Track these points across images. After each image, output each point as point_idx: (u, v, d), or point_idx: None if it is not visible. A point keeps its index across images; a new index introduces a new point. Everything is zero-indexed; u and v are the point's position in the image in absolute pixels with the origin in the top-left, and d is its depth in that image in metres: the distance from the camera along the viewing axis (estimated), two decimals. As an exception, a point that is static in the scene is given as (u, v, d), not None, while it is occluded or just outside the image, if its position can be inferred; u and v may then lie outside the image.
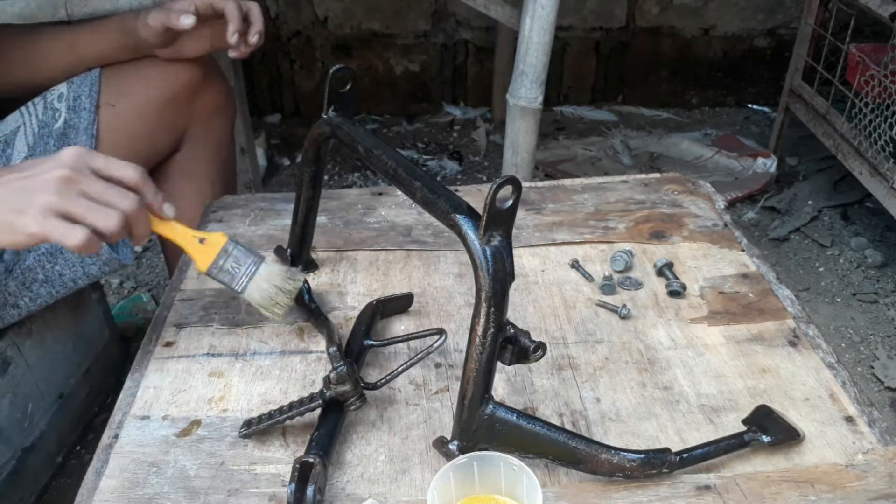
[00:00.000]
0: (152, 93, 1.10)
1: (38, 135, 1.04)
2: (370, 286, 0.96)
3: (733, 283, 0.96)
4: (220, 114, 1.19)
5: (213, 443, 0.74)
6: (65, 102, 1.06)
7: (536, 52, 1.39)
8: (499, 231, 0.65)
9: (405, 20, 2.42)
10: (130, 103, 1.09)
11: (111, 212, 0.71)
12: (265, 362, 0.85)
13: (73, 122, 1.05)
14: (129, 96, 1.09)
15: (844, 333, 1.65)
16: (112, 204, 0.71)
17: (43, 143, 1.04)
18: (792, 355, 0.84)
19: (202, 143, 1.19)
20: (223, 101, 1.20)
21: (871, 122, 1.68)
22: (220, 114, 1.18)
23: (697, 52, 2.54)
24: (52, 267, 1.05)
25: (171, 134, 1.15)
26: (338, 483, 0.70)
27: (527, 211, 1.09)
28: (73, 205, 0.70)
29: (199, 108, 1.14)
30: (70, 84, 1.07)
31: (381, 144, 0.79)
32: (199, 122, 1.16)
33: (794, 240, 1.96)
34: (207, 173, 1.22)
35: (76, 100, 1.06)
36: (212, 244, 0.78)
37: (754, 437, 0.72)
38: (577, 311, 0.92)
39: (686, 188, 1.15)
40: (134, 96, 1.09)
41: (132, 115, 1.09)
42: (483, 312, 0.65)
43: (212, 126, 1.18)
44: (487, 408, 0.68)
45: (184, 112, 1.14)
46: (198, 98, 1.09)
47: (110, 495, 0.69)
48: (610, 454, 0.68)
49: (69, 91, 1.07)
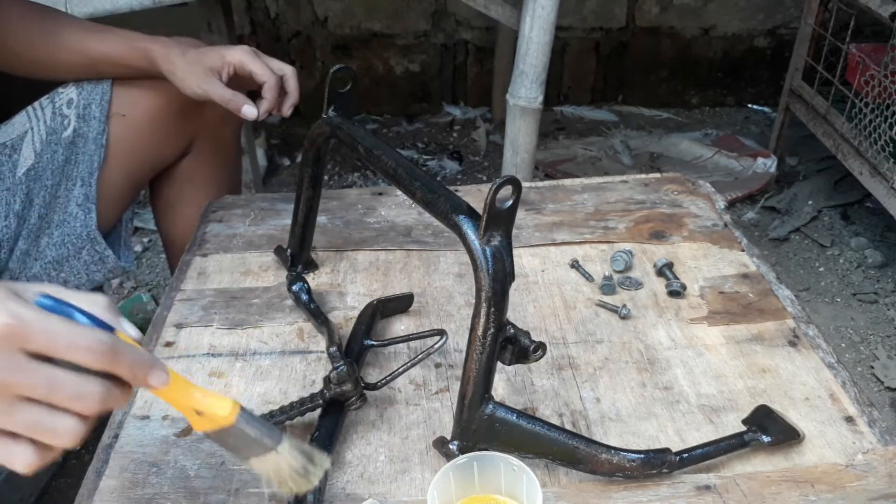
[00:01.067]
0: (162, 102, 1.08)
1: (45, 142, 1.03)
2: (370, 286, 0.96)
3: (733, 283, 0.96)
4: (229, 121, 1.17)
5: (214, 443, 0.74)
6: (74, 110, 1.04)
7: (536, 52, 1.39)
8: (499, 231, 0.65)
9: (405, 20, 2.42)
10: (140, 113, 1.07)
11: (63, 421, 0.48)
12: (265, 362, 0.85)
13: (82, 132, 1.04)
14: (140, 105, 1.07)
15: (844, 333, 1.65)
16: (65, 406, 0.48)
17: (51, 151, 1.03)
18: (792, 355, 0.84)
19: (210, 150, 1.18)
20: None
21: (871, 122, 1.68)
22: (228, 121, 1.17)
23: (697, 52, 2.54)
24: (58, 274, 1.05)
25: (180, 142, 1.14)
26: (338, 483, 0.70)
27: (527, 211, 1.09)
28: (8, 420, 0.48)
29: (208, 115, 1.13)
30: (80, 90, 1.05)
31: (381, 144, 0.79)
32: (208, 129, 1.15)
33: (794, 240, 1.96)
34: (214, 179, 1.21)
35: (86, 108, 1.04)
36: (211, 420, 0.57)
37: (754, 437, 0.72)
38: (577, 311, 0.92)
39: (686, 188, 1.15)
40: (144, 106, 1.08)
41: (142, 124, 1.08)
42: (483, 312, 0.65)
43: (220, 133, 1.17)
44: (487, 408, 0.68)
45: (193, 120, 1.12)
46: (207, 106, 1.08)
47: (110, 495, 0.69)
48: (610, 454, 0.68)
49: (79, 98, 1.05)
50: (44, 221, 1.03)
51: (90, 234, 1.04)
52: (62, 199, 1.04)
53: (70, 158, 1.04)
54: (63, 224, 1.03)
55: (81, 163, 1.04)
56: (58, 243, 1.03)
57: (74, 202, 1.03)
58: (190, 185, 1.20)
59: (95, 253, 1.06)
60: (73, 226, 1.03)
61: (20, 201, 1.02)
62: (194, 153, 1.17)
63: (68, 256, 1.04)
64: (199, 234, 1.06)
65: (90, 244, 1.05)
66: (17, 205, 1.02)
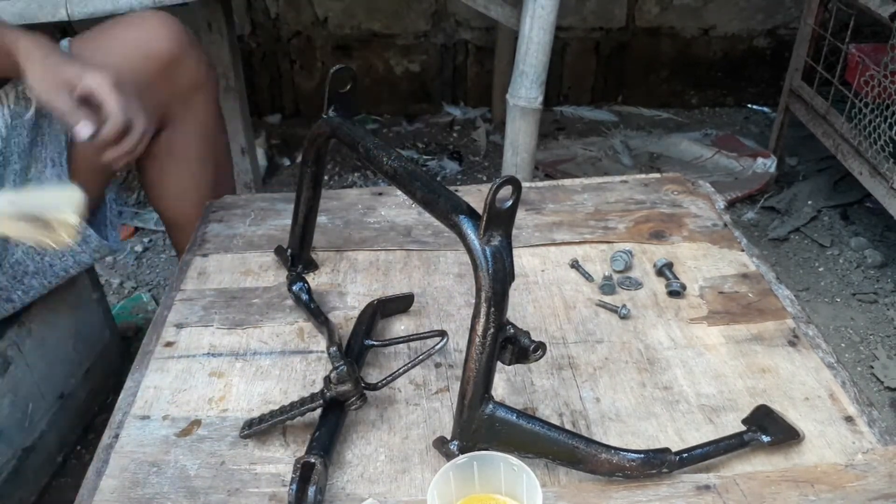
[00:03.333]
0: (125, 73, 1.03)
1: (10, 126, 1.02)
2: (370, 286, 0.96)
3: (733, 283, 0.96)
4: (201, 89, 1.15)
5: (214, 442, 0.74)
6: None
7: (536, 52, 1.39)
8: (499, 231, 0.65)
9: (405, 20, 2.42)
10: None
11: None
12: (265, 362, 0.85)
13: (45, 112, 1.02)
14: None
15: (844, 333, 1.65)
16: None
17: (16, 135, 1.02)
18: (792, 355, 0.84)
19: (184, 122, 1.16)
20: (202, 77, 1.16)
21: (870, 122, 1.68)
22: (200, 90, 1.15)
23: (697, 52, 2.54)
24: (42, 258, 1.03)
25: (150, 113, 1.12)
26: (338, 483, 0.70)
27: (527, 211, 1.09)
28: None
29: (177, 85, 1.11)
30: None
31: (381, 144, 0.79)
32: (178, 100, 1.13)
33: (793, 240, 1.96)
34: (196, 152, 1.19)
35: None
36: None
37: (754, 437, 0.72)
38: (577, 311, 0.92)
39: (686, 188, 1.15)
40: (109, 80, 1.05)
41: None
42: (483, 312, 0.65)
43: (193, 103, 1.15)
44: (487, 408, 0.68)
45: (160, 91, 1.09)
46: (174, 76, 1.05)
47: (110, 495, 0.69)
48: (610, 454, 0.68)
49: None
50: None
51: None
52: (34, 182, 1.02)
53: (35, 140, 1.03)
54: None
55: (49, 143, 1.03)
56: None
57: (48, 184, 1.02)
58: (170, 159, 1.18)
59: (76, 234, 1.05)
60: None
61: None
62: (170, 126, 1.15)
63: None
64: (199, 234, 1.06)
65: None
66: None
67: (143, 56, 1.08)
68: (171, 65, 1.10)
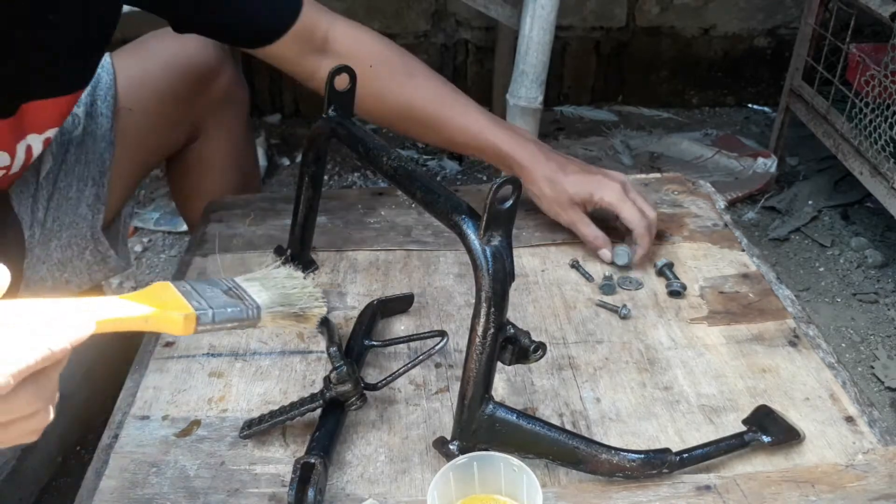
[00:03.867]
0: (165, 89, 1.08)
1: (60, 143, 1.02)
2: (370, 286, 0.96)
3: (733, 283, 0.96)
4: (233, 102, 1.17)
5: (213, 443, 0.74)
6: (83, 108, 1.03)
7: (536, 52, 1.39)
8: (499, 231, 0.65)
9: (405, 20, 2.42)
10: (146, 104, 1.07)
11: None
12: (265, 362, 0.84)
13: (90, 129, 1.03)
14: (144, 97, 1.07)
15: (844, 333, 1.65)
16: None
17: (63, 152, 1.03)
18: (792, 355, 0.84)
19: (216, 132, 1.17)
20: (235, 90, 1.18)
21: (871, 121, 1.68)
22: (232, 102, 1.17)
23: (697, 52, 2.54)
24: (62, 275, 1.04)
25: (185, 126, 1.14)
26: (338, 483, 0.70)
27: (527, 211, 1.09)
28: None
29: (211, 98, 1.13)
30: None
31: (381, 144, 0.79)
32: (211, 111, 1.15)
33: (794, 240, 1.96)
34: (226, 161, 1.21)
35: (92, 105, 1.04)
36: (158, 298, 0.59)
37: (754, 437, 0.72)
38: (577, 311, 0.92)
39: (686, 188, 1.15)
40: (149, 96, 1.07)
41: (148, 115, 1.08)
42: (483, 312, 0.65)
43: (224, 114, 1.17)
44: (487, 408, 0.68)
45: (196, 103, 1.12)
46: (209, 89, 1.07)
47: (110, 495, 0.69)
48: (610, 454, 0.68)
49: (85, 95, 1.04)
50: (55, 224, 1.03)
51: (94, 234, 1.04)
52: (73, 201, 1.03)
53: (80, 158, 1.04)
54: (72, 226, 1.02)
55: (92, 162, 1.04)
56: (64, 245, 1.03)
57: (85, 203, 1.03)
58: (200, 167, 1.20)
59: (98, 253, 1.06)
60: (80, 227, 1.03)
61: (42, 208, 1.01)
62: (202, 137, 1.17)
63: (72, 257, 1.04)
64: (199, 234, 1.06)
65: (93, 244, 1.05)
66: (40, 212, 1.01)
67: (180, 69, 1.10)
68: (207, 78, 1.12)
